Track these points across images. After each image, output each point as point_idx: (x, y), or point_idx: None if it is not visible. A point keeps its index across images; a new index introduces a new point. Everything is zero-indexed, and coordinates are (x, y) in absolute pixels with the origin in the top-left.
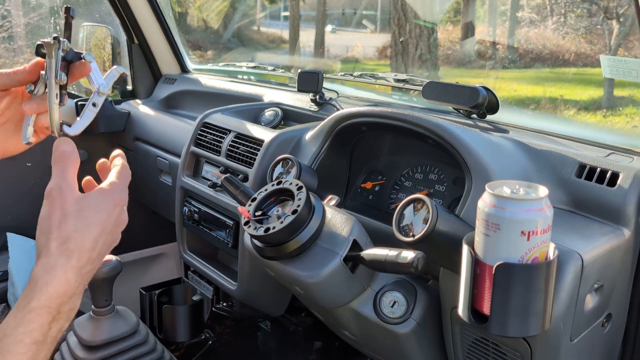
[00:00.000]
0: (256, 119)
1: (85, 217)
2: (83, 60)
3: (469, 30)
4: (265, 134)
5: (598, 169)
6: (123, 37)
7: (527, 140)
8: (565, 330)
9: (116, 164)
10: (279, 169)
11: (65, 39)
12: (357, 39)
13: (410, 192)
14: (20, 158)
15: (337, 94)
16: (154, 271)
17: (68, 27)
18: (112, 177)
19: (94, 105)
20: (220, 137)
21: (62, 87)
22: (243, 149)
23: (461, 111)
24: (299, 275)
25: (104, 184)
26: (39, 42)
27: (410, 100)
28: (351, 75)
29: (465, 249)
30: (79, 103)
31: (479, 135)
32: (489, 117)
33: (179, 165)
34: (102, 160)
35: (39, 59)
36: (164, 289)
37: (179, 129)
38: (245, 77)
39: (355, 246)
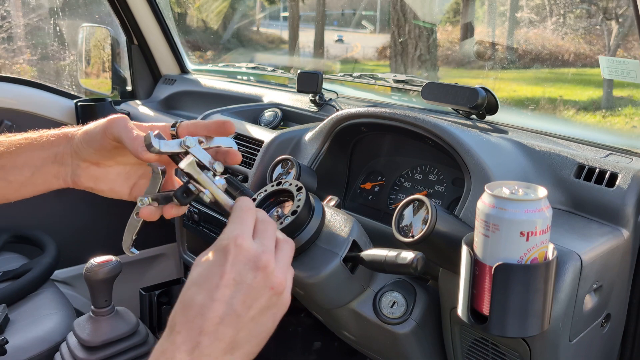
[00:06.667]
0: (256, 120)
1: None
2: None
3: (468, 31)
4: (264, 135)
5: (597, 170)
6: (122, 38)
7: (526, 141)
8: (564, 330)
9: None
10: (278, 169)
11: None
12: (356, 40)
13: (410, 193)
14: None
15: (337, 94)
16: (154, 272)
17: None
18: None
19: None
20: None
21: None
22: (242, 150)
23: (460, 112)
24: (299, 276)
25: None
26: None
27: (410, 101)
28: (350, 75)
29: (464, 249)
30: (79, 104)
31: (478, 136)
32: (488, 118)
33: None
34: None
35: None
36: (163, 290)
37: None
38: (244, 77)
39: (355, 247)
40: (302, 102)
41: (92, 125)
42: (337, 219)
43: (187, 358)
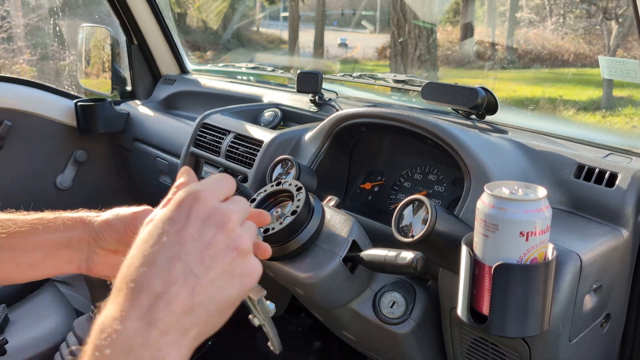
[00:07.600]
0: (255, 120)
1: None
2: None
3: (468, 31)
4: (264, 135)
5: (597, 170)
6: (122, 38)
7: (526, 141)
8: (564, 330)
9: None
10: (278, 169)
11: None
12: (356, 40)
13: (410, 193)
14: (21, 157)
15: (337, 94)
16: None
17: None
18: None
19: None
20: (220, 138)
21: None
22: (242, 150)
23: (460, 112)
24: (299, 276)
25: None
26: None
27: (410, 100)
28: (350, 75)
29: (464, 249)
30: (79, 104)
31: (477, 136)
32: (488, 118)
33: (179, 166)
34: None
35: None
36: None
37: (178, 130)
38: (244, 77)
39: (355, 247)
40: (301, 102)
41: (112, 215)
42: (336, 219)
43: (137, 324)
